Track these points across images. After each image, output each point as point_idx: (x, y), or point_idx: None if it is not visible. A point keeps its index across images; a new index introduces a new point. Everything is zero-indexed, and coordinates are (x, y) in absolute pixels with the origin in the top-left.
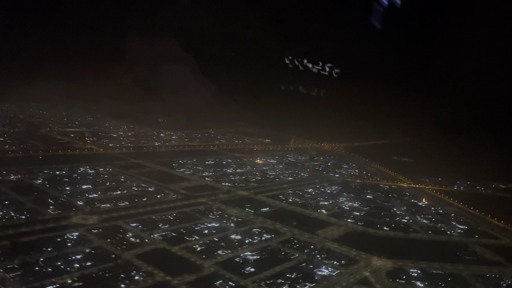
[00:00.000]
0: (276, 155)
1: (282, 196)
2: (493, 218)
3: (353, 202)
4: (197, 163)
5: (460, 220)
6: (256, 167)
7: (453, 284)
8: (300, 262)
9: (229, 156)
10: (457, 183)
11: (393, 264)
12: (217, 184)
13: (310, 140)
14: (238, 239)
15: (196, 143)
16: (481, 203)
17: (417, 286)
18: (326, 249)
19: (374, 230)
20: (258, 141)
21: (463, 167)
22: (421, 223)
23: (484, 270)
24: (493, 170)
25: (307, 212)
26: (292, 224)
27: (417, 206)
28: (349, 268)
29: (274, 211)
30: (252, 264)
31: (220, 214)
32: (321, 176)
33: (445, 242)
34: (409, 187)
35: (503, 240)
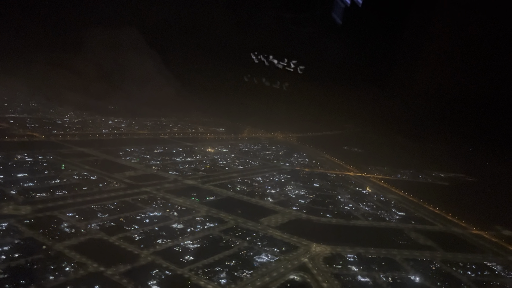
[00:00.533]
0: (229, 144)
1: (230, 185)
2: (430, 205)
3: (300, 190)
4: (145, 151)
5: (399, 207)
6: (207, 156)
7: (385, 267)
8: (241, 250)
9: (180, 145)
10: (401, 172)
11: (332, 250)
12: (164, 173)
13: (264, 130)
14: (180, 228)
15: (146, 131)
16: (420, 191)
17: (352, 271)
18: (268, 236)
19: (317, 217)
20: (212, 130)
21: (408, 157)
22: (363, 210)
23: (416, 254)
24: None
25: (253, 200)
26: (237, 212)
27: (361, 194)
28: (288, 255)
29: (220, 200)
30: (191, 252)
31: (163, 203)
32: (271, 165)
33: (383, 228)
34: (355, 176)
35: (437, 226)
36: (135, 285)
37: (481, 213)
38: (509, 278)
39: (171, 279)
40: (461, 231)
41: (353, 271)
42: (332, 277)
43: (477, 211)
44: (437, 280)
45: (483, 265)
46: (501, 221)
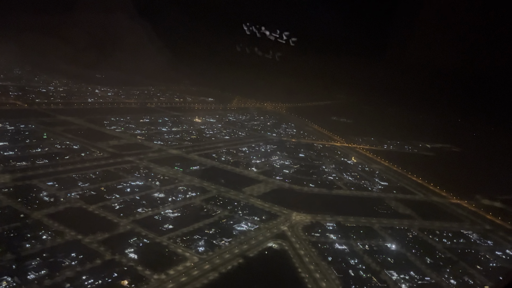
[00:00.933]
0: (217, 114)
1: (215, 155)
2: (413, 175)
3: (285, 160)
4: (130, 121)
5: (383, 177)
6: (194, 126)
7: (363, 236)
8: (221, 219)
9: (167, 115)
10: (388, 142)
11: (312, 218)
12: (148, 143)
13: (254, 100)
14: (161, 198)
15: (133, 100)
16: (405, 161)
17: (330, 239)
18: (249, 205)
19: (300, 187)
20: (201, 100)
21: (397, 128)
22: (346, 180)
23: (395, 222)
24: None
25: (237, 170)
26: (220, 182)
27: (345, 164)
28: (268, 223)
29: (204, 169)
30: (171, 221)
31: (146, 173)
32: (259, 135)
33: (365, 197)
34: (342, 146)
35: (417, 196)
36: (112, 253)
37: (463, 183)
38: (484, 246)
39: (149, 247)
40: (441, 200)
41: (331, 239)
42: (309, 245)
43: (459, 181)
44: (412, 248)
45: (460, 233)
46: (482, 190)
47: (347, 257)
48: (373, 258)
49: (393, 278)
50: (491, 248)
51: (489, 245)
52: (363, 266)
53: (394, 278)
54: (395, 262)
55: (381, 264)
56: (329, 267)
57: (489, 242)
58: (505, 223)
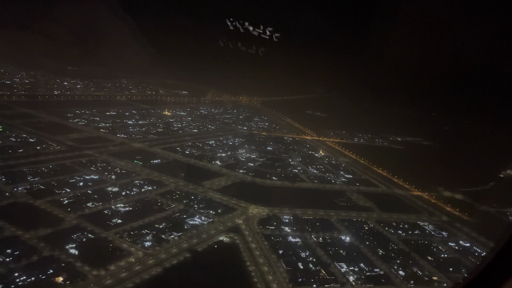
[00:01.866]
0: (188, 108)
1: (179, 148)
2: (378, 168)
3: (252, 153)
4: (96, 113)
5: (348, 170)
6: (162, 119)
7: (319, 228)
8: (174, 213)
9: (136, 108)
10: (359, 136)
11: (269, 211)
12: (111, 136)
13: (230, 93)
14: (115, 192)
15: (103, 93)
16: (373, 154)
17: (285, 232)
18: (206, 199)
19: (262, 180)
20: (174, 93)
21: (370, 121)
22: (310, 173)
23: (353, 215)
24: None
25: (200, 163)
26: (180, 175)
27: (312, 157)
28: (223, 217)
29: (166, 163)
30: (121, 216)
31: (103, 166)
32: (229, 128)
33: (327, 190)
34: (312, 140)
35: (380, 188)
36: (51, 249)
37: (428, 176)
38: (438, 237)
39: (92, 242)
40: (403, 193)
41: (286, 232)
42: (262, 238)
43: (424, 173)
44: (366, 240)
45: (416, 225)
46: (445, 183)
47: (299, 250)
48: (325, 250)
49: (342, 270)
50: (445, 239)
51: (443, 236)
52: (313, 259)
53: (343, 270)
54: (347, 254)
55: (333, 256)
56: (279, 260)
57: (443, 233)
58: (462, 214)
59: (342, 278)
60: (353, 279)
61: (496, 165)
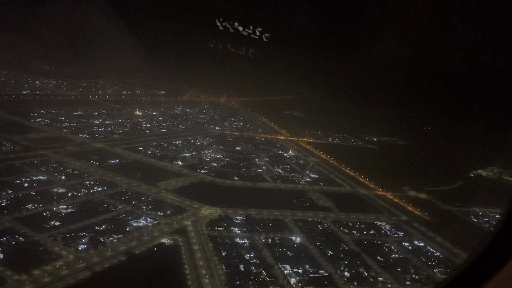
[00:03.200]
0: (162, 107)
1: (142, 148)
2: (347, 168)
3: (218, 153)
4: (62, 113)
5: (315, 170)
6: (131, 119)
7: (270, 229)
8: (120, 214)
9: (106, 107)
10: (334, 136)
11: (222, 212)
12: (72, 136)
13: (209, 93)
14: (60, 193)
15: (75, 92)
16: (345, 154)
17: (234, 233)
18: (158, 200)
19: (222, 180)
20: (151, 93)
21: (349, 122)
22: (275, 173)
23: (310, 215)
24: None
25: (160, 164)
26: (135, 176)
27: (281, 157)
28: (171, 219)
29: (124, 163)
30: (60, 218)
31: (55, 167)
32: (200, 128)
33: (288, 190)
34: (285, 140)
35: (344, 188)
36: None
37: (396, 175)
38: (392, 237)
39: (22, 246)
40: (366, 192)
41: (234, 233)
42: (208, 239)
43: (393, 173)
44: (318, 240)
45: (373, 225)
46: (413, 183)
47: (244, 252)
48: (272, 251)
49: (285, 272)
50: (400, 239)
51: (399, 236)
52: (257, 261)
53: (286, 272)
54: (294, 256)
55: (278, 258)
56: (220, 262)
57: (399, 233)
58: (423, 214)
59: (283, 280)
60: (294, 281)
61: (468, 165)
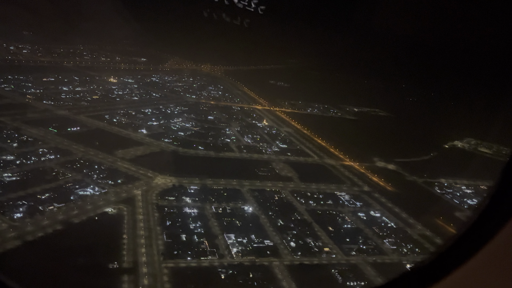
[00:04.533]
0: (140, 75)
1: (108, 116)
2: (319, 138)
3: (188, 122)
4: (31, 79)
5: (285, 140)
6: (103, 86)
7: (223, 198)
8: (67, 183)
9: (80, 74)
10: (315, 106)
11: (177, 182)
12: (36, 103)
13: (193, 61)
14: (8, 160)
15: (49, 58)
16: (321, 125)
17: (184, 202)
18: (112, 169)
19: (186, 149)
20: (131, 60)
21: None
22: (243, 143)
23: (269, 185)
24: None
25: (124, 132)
26: (94, 144)
27: (253, 127)
28: (121, 188)
29: (85, 131)
30: (1, 186)
31: (9, 134)
32: (175, 97)
33: (253, 160)
34: (261, 109)
35: (311, 158)
36: None
37: (369, 146)
38: (349, 208)
39: None
40: (333, 163)
41: (185, 203)
42: (155, 209)
43: (366, 144)
44: (271, 210)
45: (332, 195)
46: (385, 154)
47: (190, 221)
48: (220, 221)
49: (228, 242)
50: (357, 209)
51: (356, 206)
52: (202, 230)
53: (229, 242)
54: (242, 225)
55: (225, 227)
56: (162, 232)
57: (358, 203)
58: (386, 184)
59: (224, 250)
60: (236, 250)
61: (446, 137)
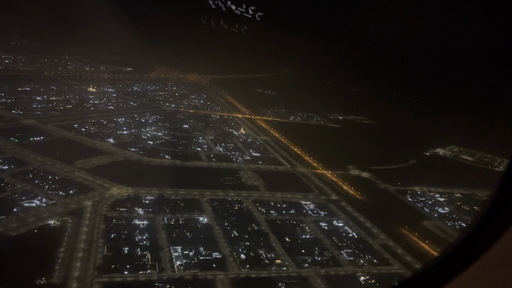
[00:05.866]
0: (123, 84)
1: (77, 125)
2: (295, 146)
3: (160, 131)
4: (5, 89)
5: (260, 149)
6: (80, 96)
7: (179, 209)
8: (14, 194)
9: (59, 83)
10: (299, 114)
11: (134, 192)
12: (4, 112)
13: (180, 70)
14: None
15: (31, 68)
16: (300, 133)
17: (135, 213)
18: (66, 179)
19: (151, 159)
20: (117, 70)
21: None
22: (215, 152)
23: (231, 194)
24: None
25: (90, 142)
26: (54, 154)
27: (228, 135)
28: (72, 198)
29: (49, 140)
30: None
31: None
32: (154, 106)
33: (221, 169)
34: (242, 118)
35: (283, 167)
36: None
37: (347, 154)
38: (312, 217)
39: None
40: (305, 171)
41: (136, 214)
42: (102, 220)
43: (344, 152)
44: (228, 221)
45: (297, 204)
46: (362, 162)
47: (137, 233)
48: (169, 233)
49: (173, 255)
50: (320, 219)
51: (320, 216)
52: (148, 243)
53: (174, 255)
54: (192, 237)
55: (174, 239)
56: (104, 245)
57: (322, 213)
58: (356, 193)
59: (167, 264)
60: (179, 264)
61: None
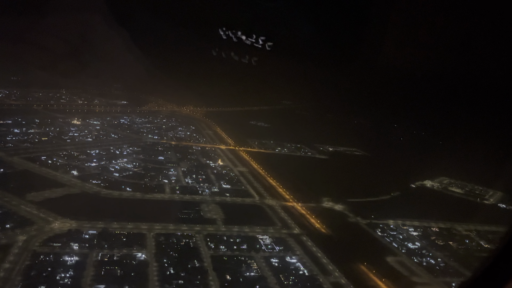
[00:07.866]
0: (109, 117)
1: (45, 157)
2: (273, 179)
3: (131, 163)
4: None
5: (233, 181)
6: (61, 128)
7: (118, 244)
8: None
9: (44, 116)
10: (287, 146)
11: (77, 226)
12: None
13: (175, 104)
14: None
15: (21, 102)
16: (282, 165)
17: (68, 249)
18: (8, 212)
19: (109, 191)
20: (110, 103)
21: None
22: (182, 184)
23: (183, 228)
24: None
25: (51, 174)
26: (7, 186)
27: (203, 167)
28: (5, 233)
29: (8, 173)
30: None
31: None
32: (135, 138)
33: (182, 201)
34: (224, 149)
35: (251, 199)
36: None
37: (326, 186)
38: (265, 253)
39: None
40: (274, 204)
41: (69, 250)
42: (28, 257)
43: (323, 184)
44: (168, 257)
45: (253, 238)
46: (339, 194)
47: (61, 271)
48: (97, 271)
49: None
50: (273, 254)
51: (274, 251)
52: (69, 281)
53: None
54: (121, 275)
55: (99, 278)
56: (19, 284)
57: (277, 248)
58: (321, 227)
59: None
60: None
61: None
